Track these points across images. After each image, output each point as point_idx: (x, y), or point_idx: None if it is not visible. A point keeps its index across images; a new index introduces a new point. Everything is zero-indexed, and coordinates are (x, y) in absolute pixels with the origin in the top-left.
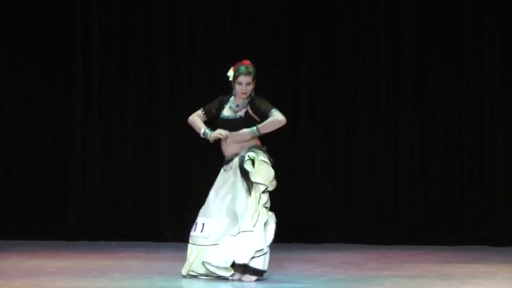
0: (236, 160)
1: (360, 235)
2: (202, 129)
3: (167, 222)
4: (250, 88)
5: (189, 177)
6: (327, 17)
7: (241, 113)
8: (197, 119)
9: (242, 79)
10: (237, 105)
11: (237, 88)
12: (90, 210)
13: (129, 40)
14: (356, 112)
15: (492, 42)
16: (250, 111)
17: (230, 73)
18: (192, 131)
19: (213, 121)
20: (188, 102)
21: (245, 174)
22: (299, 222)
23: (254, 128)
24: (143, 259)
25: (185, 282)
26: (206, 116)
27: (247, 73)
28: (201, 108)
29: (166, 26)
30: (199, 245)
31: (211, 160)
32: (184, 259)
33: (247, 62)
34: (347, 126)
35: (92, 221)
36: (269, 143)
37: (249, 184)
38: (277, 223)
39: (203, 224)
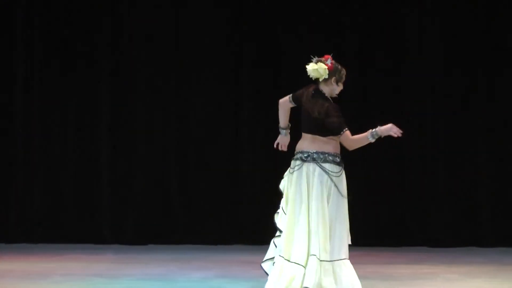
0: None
1: None
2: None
3: (108, 224)
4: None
5: (130, 179)
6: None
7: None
8: (282, 111)
9: (343, 80)
10: None
11: (337, 89)
12: (30, 212)
13: (71, 40)
14: (298, 117)
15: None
16: None
17: (323, 69)
18: (138, 130)
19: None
20: (129, 103)
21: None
22: (240, 223)
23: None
24: (84, 261)
25: (125, 284)
26: (293, 103)
27: (345, 77)
28: (291, 95)
29: (108, 25)
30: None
31: (152, 162)
32: (124, 261)
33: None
34: (290, 128)
35: (32, 223)
36: (211, 145)
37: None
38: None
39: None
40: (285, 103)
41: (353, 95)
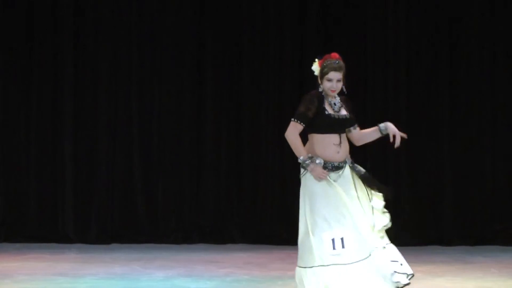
0: (347, 168)
1: (265, 235)
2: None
3: (71, 223)
4: (340, 85)
5: (93, 179)
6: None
7: (345, 112)
8: (298, 143)
9: (332, 75)
10: (335, 104)
11: (327, 85)
12: None
13: (34, 37)
14: (260, 116)
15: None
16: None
17: (316, 67)
18: (101, 130)
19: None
20: (93, 103)
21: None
22: (203, 222)
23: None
24: (48, 261)
25: (88, 283)
26: (303, 125)
27: (338, 68)
28: (295, 119)
29: (71, 23)
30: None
31: (115, 162)
32: (88, 260)
33: (337, 55)
34: (253, 127)
35: None
36: (174, 144)
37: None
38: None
39: (342, 238)
40: None
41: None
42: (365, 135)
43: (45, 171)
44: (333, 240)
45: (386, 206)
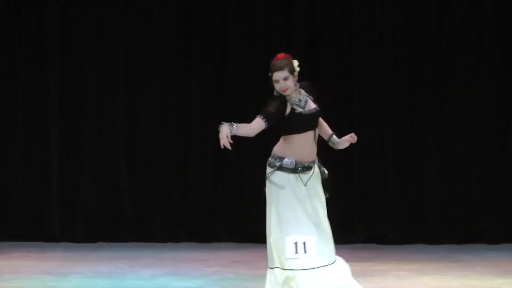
0: (316, 168)
1: (252, 234)
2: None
3: (57, 222)
4: (289, 82)
5: (79, 177)
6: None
7: (313, 105)
8: (247, 129)
9: (276, 76)
10: (300, 100)
11: (277, 87)
12: None
13: (20, 36)
14: (246, 115)
15: None
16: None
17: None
18: (87, 129)
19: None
20: (78, 102)
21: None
22: (189, 221)
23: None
24: (34, 259)
25: (74, 282)
26: (267, 125)
27: (279, 68)
28: (262, 117)
29: (56, 26)
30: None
31: (101, 160)
32: (74, 259)
33: (281, 56)
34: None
35: None
36: (160, 144)
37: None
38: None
39: (304, 243)
40: None
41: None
42: (320, 128)
43: (31, 170)
44: (295, 244)
45: (371, 204)
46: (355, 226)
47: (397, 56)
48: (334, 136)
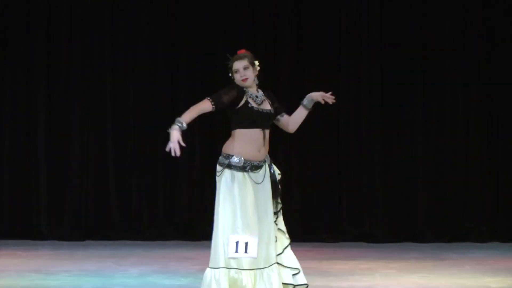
0: (267, 167)
1: None
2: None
3: (45, 220)
4: (249, 72)
5: (67, 175)
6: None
7: (268, 107)
8: (192, 112)
9: (236, 65)
10: (257, 96)
11: (237, 77)
12: None
13: (6, 35)
14: None
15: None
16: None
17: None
18: (75, 127)
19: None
20: (66, 99)
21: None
22: (177, 219)
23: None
24: (21, 257)
25: (62, 280)
26: (213, 106)
27: (240, 58)
28: (209, 98)
29: (43, 24)
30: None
31: (88, 158)
32: (62, 257)
33: (242, 51)
34: (226, 124)
35: None
36: (148, 142)
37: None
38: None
39: (246, 243)
40: None
41: (291, 84)
42: (293, 117)
43: (18, 168)
44: (237, 243)
45: (359, 203)
46: (343, 224)
47: (384, 55)
48: (303, 101)
